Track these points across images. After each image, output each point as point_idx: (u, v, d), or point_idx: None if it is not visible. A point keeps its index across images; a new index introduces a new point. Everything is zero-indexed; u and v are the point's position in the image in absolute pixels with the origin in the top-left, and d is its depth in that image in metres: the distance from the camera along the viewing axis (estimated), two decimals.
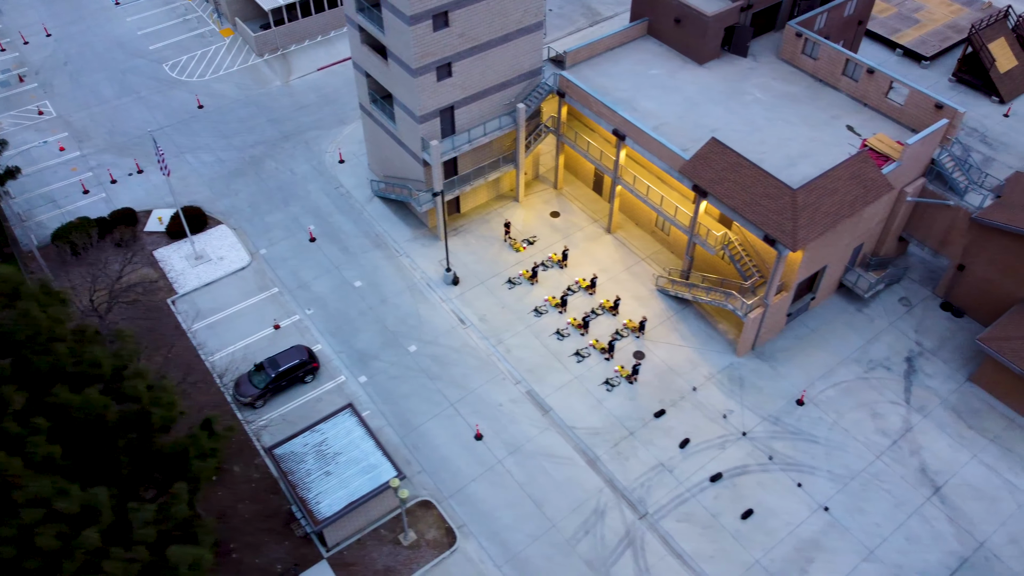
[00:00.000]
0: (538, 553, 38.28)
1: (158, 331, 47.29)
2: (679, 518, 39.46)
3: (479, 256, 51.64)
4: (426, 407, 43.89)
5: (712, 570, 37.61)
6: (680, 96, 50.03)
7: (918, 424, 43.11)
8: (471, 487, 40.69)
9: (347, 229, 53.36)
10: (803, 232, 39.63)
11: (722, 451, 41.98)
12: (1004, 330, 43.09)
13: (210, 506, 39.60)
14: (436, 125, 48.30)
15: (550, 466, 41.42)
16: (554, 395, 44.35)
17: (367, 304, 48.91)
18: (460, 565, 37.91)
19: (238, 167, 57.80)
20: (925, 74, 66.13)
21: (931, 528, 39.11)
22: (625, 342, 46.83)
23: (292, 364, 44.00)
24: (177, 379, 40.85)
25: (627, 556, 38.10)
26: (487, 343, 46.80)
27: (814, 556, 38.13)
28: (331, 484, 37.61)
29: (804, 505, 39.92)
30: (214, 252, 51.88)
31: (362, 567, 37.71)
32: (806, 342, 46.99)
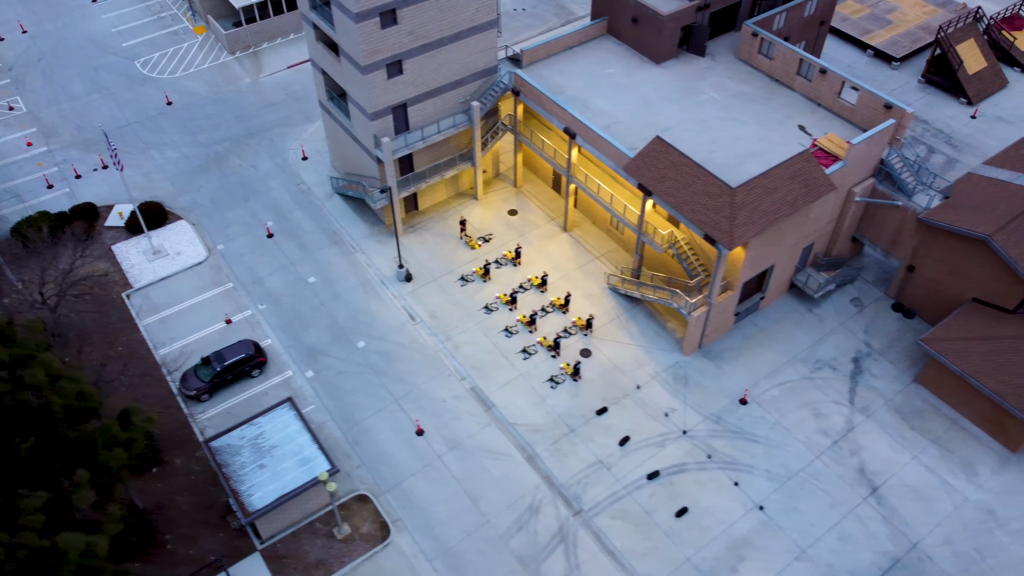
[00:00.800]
0: (471, 548, 38.46)
1: (110, 324, 47.78)
2: (613, 515, 39.54)
3: (434, 253, 51.88)
4: (370, 402, 44.16)
5: (642, 568, 37.69)
6: (634, 95, 50.12)
7: (860, 424, 43.03)
8: (409, 482, 40.93)
9: (305, 226, 53.72)
10: (740, 231, 39.66)
11: (661, 449, 42.04)
12: (947, 331, 42.96)
13: (148, 497, 40.01)
14: (389, 122, 48.57)
15: (489, 462, 41.60)
16: (498, 392, 44.52)
17: (319, 300, 49.24)
18: (392, 559, 38.14)
19: (202, 163, 58.27)
20: (895, 75, 65.93)
21: (865, 528, 39.04)
22: (573, 340, 46.96)
23: (238, 358, 44.36)
24: (117, 372, 41.39)
25: (559, 552, 38.24)
26: (436, 339, 47.03)
27: (746, 555, 38.14)
28: (265, 477, 37.93)
29: (739, 504, 39.93)
30: (172, 247, 52.35)
31: (294, 560, 38.00)
32: (754, 341, 46.98)
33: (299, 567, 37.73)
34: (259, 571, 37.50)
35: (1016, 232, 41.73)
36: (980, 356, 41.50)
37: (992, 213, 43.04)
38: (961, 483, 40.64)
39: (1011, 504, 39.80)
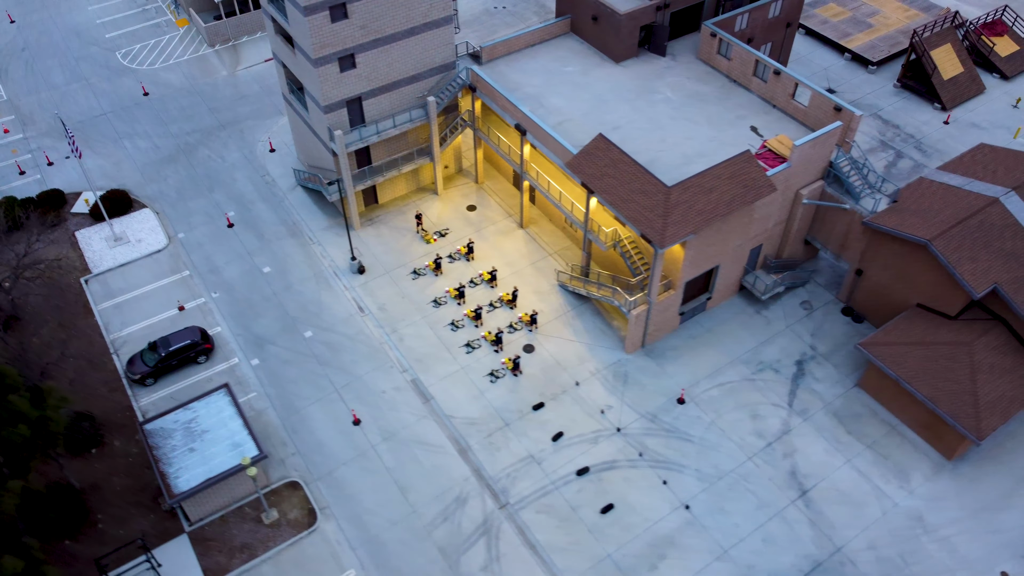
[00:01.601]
0: (394, 537, 38.86)
1: (66, 308, 48.76)
2: (539, 509, 39.74)
3: (389, 246, 52.35)
4: (311, 391, 44.71)
5: (561, 562, 37.85)
6: (589, 93, 50.25)
7: (797, 427, 42.85)
8: (341, 470, 41.41)
9: (266, 217, 54.45)
10: (672, 230, 39.68)
11: (594, 446, 42.16)
12: (887, 335, 42.65)
13: (85, 477, 40.84)
14: (344, 115, 49.11)
15: (421, 453, 41.98)
16: (438, 384, 44.88)
17: (272, 290, 49.90)
18: (316, 545, 38.63)
19: (171, 154, 59.22)
20: (871, 79, 65.43)
21: (791, 531, 38.91)
22: (518, 335, 47.20)
23: (183, 344, 45.10)
24: (57, 355, 42.31)
25: (480, 544, 38.51)
26: (382, 331, 47.50)
27: (667, 553, 38.17)
28: (193, 460, 38.58)
29: (666, 502, 39.95)
30: (134, 235, 53.29)
31: (220, 543, 38.61)
32: (699, 341, 46.93)
33: (224, 550, 38.34)
34: (185, 553, 38.16)
35: (958, 238, 41.36)
36: (916, 361, 41.17)
37: (936, 218, 42.67)
38: (893, 489, 40.35)
39: (940, 511, 39.46)
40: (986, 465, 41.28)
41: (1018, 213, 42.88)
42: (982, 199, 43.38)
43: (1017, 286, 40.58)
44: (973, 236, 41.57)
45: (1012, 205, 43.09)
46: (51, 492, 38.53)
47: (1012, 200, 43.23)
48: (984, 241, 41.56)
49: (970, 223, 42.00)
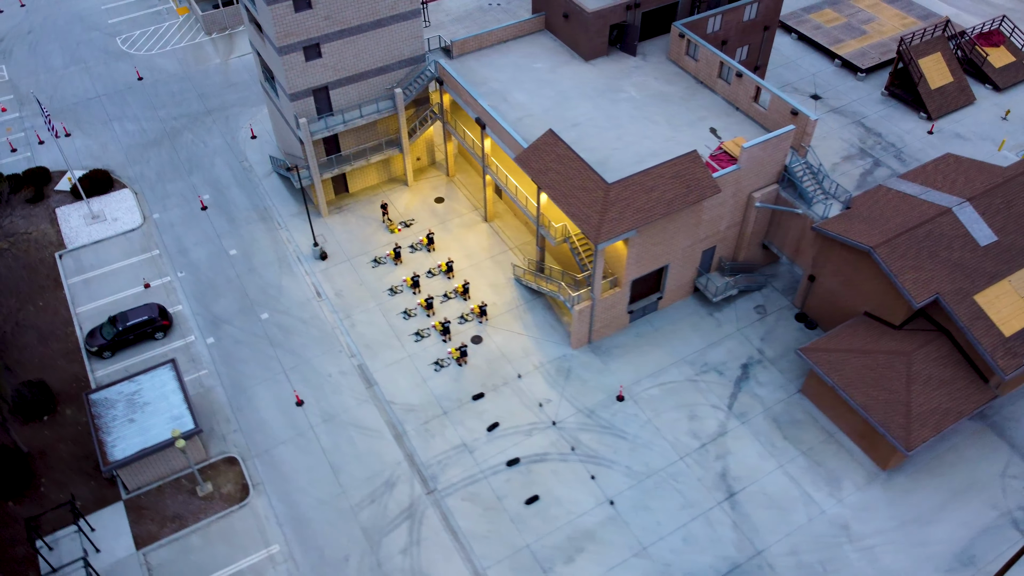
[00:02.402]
0: (321, 516, 39.70)
1: (37, 281, 50.57)
2: (465, 497, 40.27)
3: (354, 235, 53.29)
4: (259, 372, 45.80)
5: (480, 549, 38.34)
6: (553, 90, 50.59)
7: (733, 430, 42.73)
8: (278, 449, 42.40)
9: (239, 201, 55.78)
10: (608, 226, 39.89)
11: (527, 438, 42.54)
12: (828, 342, 42.31)
13: (34, 443, 42.40)
14: (310, 104, 50.14)
15: (357, 436, 42.78)
16: (383, 370, 45.66)
17: (235, 272, 51.15)
18: (244, 519, 39.66)
19: (157, 137, 60.95)
20: (858, 86, 64.67)
21: (713, 532, 38.87)
22: (469, 326, 47.76)
23: (140, 320, 46.51)
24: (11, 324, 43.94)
25: (403, 527, 39.17)
26: (336, 317, 48.44)
27: (585, 547, 38.42)
28: (131, 431, 39.87)
29: (592, 497, 40.18)
30: (111, 213, 55.01)
31: (153, 512, 39.84)
32: (646, 340, 47.00)
33: (156, 519, 39.55)
34: (119, 519, 39.46)
35: (903, 246, 40.88)
36: (854, 369, 40.81)
37: (884, 225, 42.23)
38: (822, 496, 40.05)
39: (867, 521, 39.08)
40: (921, 477, 40.76)
41: (970, 224, 42.23)
42: (934, 208, 42.81)
43: (960, 297, 40.00)
44: (919, 245, 41.06)
45: (965, 216, 42.46)
46: (3, 455, 40.20)
47: (965, 211, 42.59)
48: (931, 251, 41.03)
49: (918, 232, 41.48)
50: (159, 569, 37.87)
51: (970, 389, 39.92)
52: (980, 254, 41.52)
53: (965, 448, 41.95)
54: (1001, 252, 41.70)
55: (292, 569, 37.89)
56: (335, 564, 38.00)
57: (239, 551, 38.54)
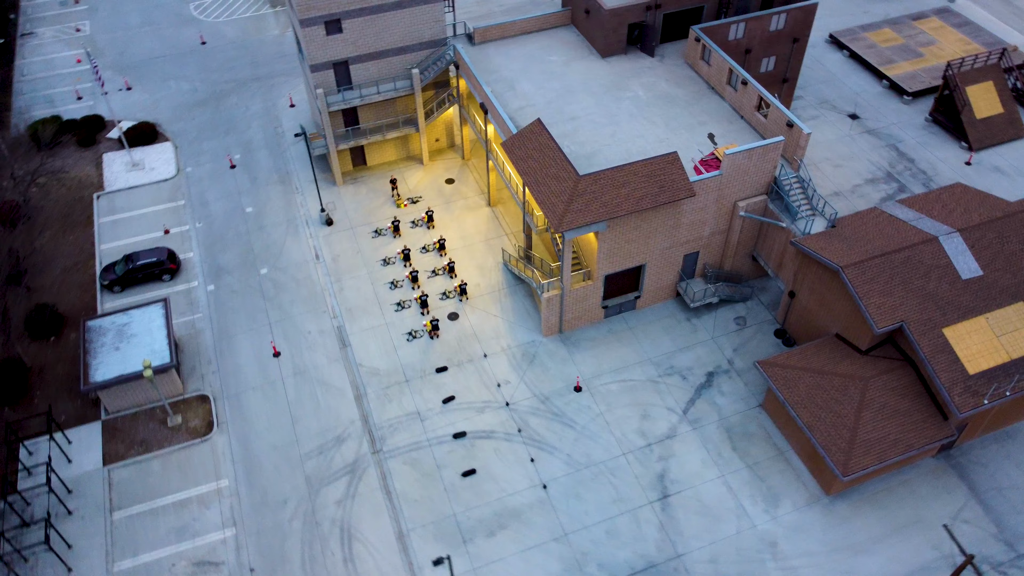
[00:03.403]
0: (270, 461, 42.12)
1: (72, 217, 55.21)
2: (406, 461, 41.87)
3: (362, 205, 55.65)
4: (247, 321, 48.71)
5: (408, 511, 39.87)
6: (561, 84, 51.38)
7: (683, 434, 42.64)
8: (247, 393, 45.11)
9: (264, 163, 59.09)
10: (571, 216, 40.54)
11: (479, 414, 43.73)
12: (789, 358, 41.61)
13: (37, 359, 46.64)
14: (330, 76, 52.71)
15: (321, 392, 45.02)
16: (359, 334, 47.76)
17: (246, 228, 54.37)
18: (202, 454, 42.51)
19: (205, 98, 65.15)
20: (902, 109, 62.45)
21: (637, 529, 39.08)
22: (449, 302, 49.28)
23: (150, 261, 50.23)
24: (29, 253, 48.32)
25: (343, 481, 41.12)
26: (327, 279, 50.88)
27: (509, 524, 39.35)
28: (114, 358, 43.33)
29: (527, 479, 41.02)
30: (150, 163, 59.34)
31: (124, 434, 43.23)
32: (617, 337, 47.31)
33: (125, 441, 42.92)
34: (93, 436, 43.03)
35: (875, 269, 39.80)
36: (806, 388, 40.07)
37: (863, 247, 41.18)
38: (757, 511, 39.58)
39: (797, 542, 38.40)
40: (865, 507, 39.66)
41: (955, 255, 40.66)
42: (921, 235, 41.41)
43: (926, 328, 38.67)
44: (893, 271, 39.86)
45: (951, 246, 40.90)
46: (4, 365, 44.51)
47: (952, 241, 41.02)
48: (905, 278, 39.78)
49: (894, 257, 40.27)
50: (118, 485, 41.17)
51: (926, 424, 38.56)
52: (960, 287, 39.95)
53: (919, 484, 40.51)
54: (983, 288, 39.98)
55: (235, 504, 40.47)
56: (274, 506, 40.35)
57: (191, 481, 41.42)
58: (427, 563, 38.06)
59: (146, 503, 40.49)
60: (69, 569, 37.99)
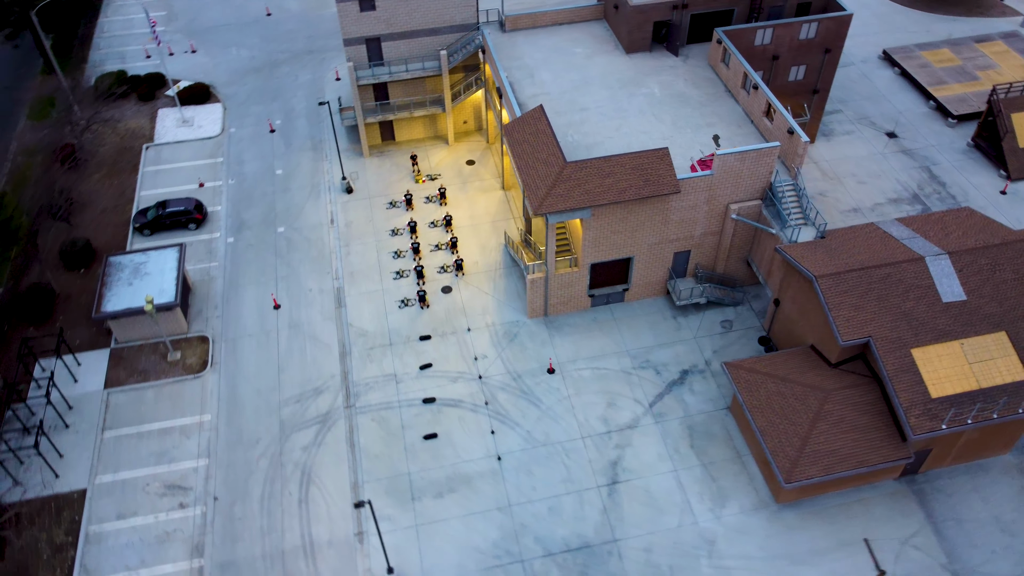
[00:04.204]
0: (252, 403, 44.89)
1: (120, 164, 59.72)
2: (375, 418, 43.89)
3: (384, 178, 58.03)
4: (256, 274, 51.77)
5: (367, 464, 41.87)
6: (579, 75, 52.30)
7: (645, 426, 43.11)
8: (244, 339, 48.08)
9: (301, 131, 62.28)
10: (551, 200, 41.57)
11: (452, 383, 45.34)
12: (757, 363, 41.48)
13: (65, 288, 50.93)
14: (363, 51, 55.23)
15: (310, 346, 47.55)
16: (356, 297, 50.09)
17: (273, 188, 57.57)
18: (191, 389, 45.67)
19: (259, 65, 68.98)
20: (944, 131, 60.50)
21: (580, 510, 39.89)
22: (446, 276, 51.04)
23: (179, 209, 53.99)
24: (67, 196, 52.71)
25: (312, 429, 43.49)
26: (336, 243, 53.46)
27: (458, 489, 40.83)
28: (126, 292, 47.00)
29: (484, 449, 42.39)
30: (199, 121, 63.42)
31: (126, 363, 46.84)
32: (600, 325, 48.03)
33: (127, 368, 46.52)
34: (100, 362, 46.83)
35: (850, 282, 39.29)
36: (768, 393, 39.93)
37: (845, 259, 40.67)
38: (703, 509, 39.77)
39: (736, 544, 38.43)
40: (813, 520, 39.29)
41: (939, 277, 39.68)
42: (908, 254, 40.58)
43: (895, 346, 37.96)
44: (870, 286, 39.26)
45: (936, 268, 39.93)
46: (33, 289, 48.92)
47: (939, 263, 40.04)
48: (881, 294, 39.12)
49: (874, 272, 39.63)
50: (113, 408, 44.76)
51: (882, 443, 37.91)
52: (938, 309, 39.00)
53: (875, 505, 39.80)
54: (964, 313, 38.90)
55: (212, 438, 43.43)
56: (246, 443, 43.08)
57: (178, 412, 44.63)
58: (378, 510, 39.90)
59: (135, 427, 43.91)
60: (56, 475, 41.72)
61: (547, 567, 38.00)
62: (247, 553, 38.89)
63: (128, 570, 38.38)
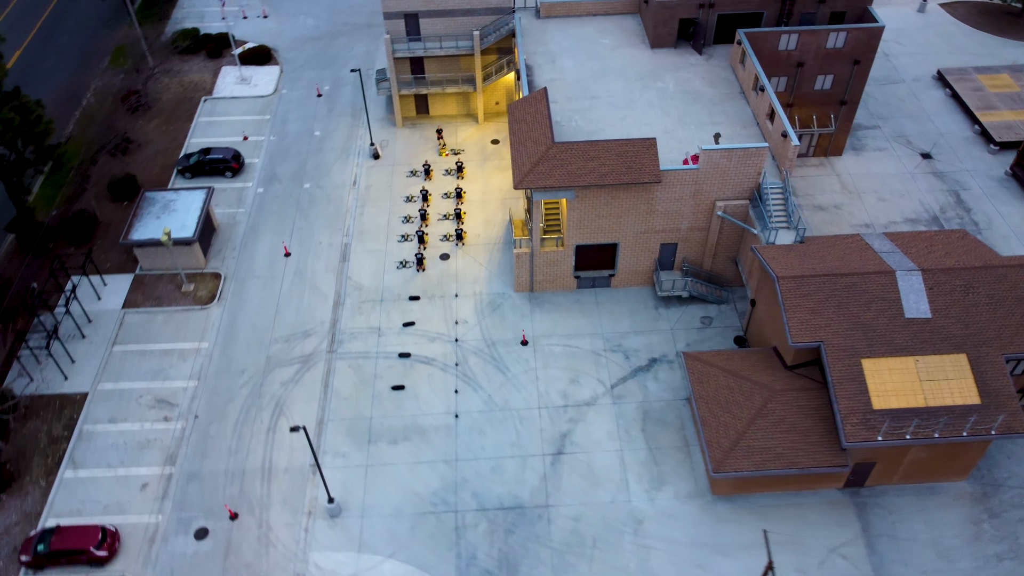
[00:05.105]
0: (246, 336, 48.59)
1: (178, 113, 64.88)
2: (351, 365, 46.78)
3: (411, 148, 60.93)
4: (275, 223, 55.60)
5: (334, 404, 44.80)
6: (599, 65, 53.59)
7: (602, 405, 44.32)
8: (252, 280, 51.91)
9: (345, 98, 65.93)
10: (532, 176, 43.25)
11: (429, 343, 47.75)
12: (715, 357, 42.02)
13: (106, 218, 56.10)
14: (401, 26, 58.18)
15: (309, 293, 50.91)
16: (359, 253, 53.16)
17: (308, 148, 61.38)
18: (196, 318, 49.75)
19: (320, 35, 73.17)
20: (984, 159, 58.54)
21: (520, 474, 41.58)
22: (447, 244, 53.46)
23: (218, 157, 58.46)
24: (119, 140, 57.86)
25: (294, 367, 46.76)
26: (354, 203, 56.70)
27: (412, 438, 43.22)
28: (151, 224, 51.56)
29: (444, 406, 44.60)
30: (255, 81, 68.02)
31: (145, 288, 51.43)
32: (581, 306, 49.37)
33: (145, 293, 51.12)
34: (124, 285, 51.60)
35: (811, 287, 39.38)
36: (717, 386, 40.49)
37: (812, 265, 40.72)
38: (639, 489, 40.77)
39: (663, 527, 39.29)
40: (746, 516, 39.67)
41: (906, 292, 39.24)
42: (880, 266, 40.28)
43: (845, 354, 37.89)
44: (832, 292, 39.24)
45: (906, 283, 39.49)
46: (78, 214, 54.28)
47: (911, 279, 39.57)
48: (841, 302, 39.07)
49: (839, 280, 39.58)
50: (126, 327, 49.35)
51: (820, 448, 37.95)
52: (899, 324, 38.62)
53: (812, 510, 39.80)
54: (925, 331, 38.38)
55: (205, 363, 47.36)
56: (233, 372, 46.78)
57: (181, 337, 48.79)
58: (335, 447, 42.85)
59: (141, 345, 48.33)
60: (66, 377, 46.54)
61: (477, 520, 39.97)
62: (213, 468, 42.51)
63: (109, 467, 42.65)
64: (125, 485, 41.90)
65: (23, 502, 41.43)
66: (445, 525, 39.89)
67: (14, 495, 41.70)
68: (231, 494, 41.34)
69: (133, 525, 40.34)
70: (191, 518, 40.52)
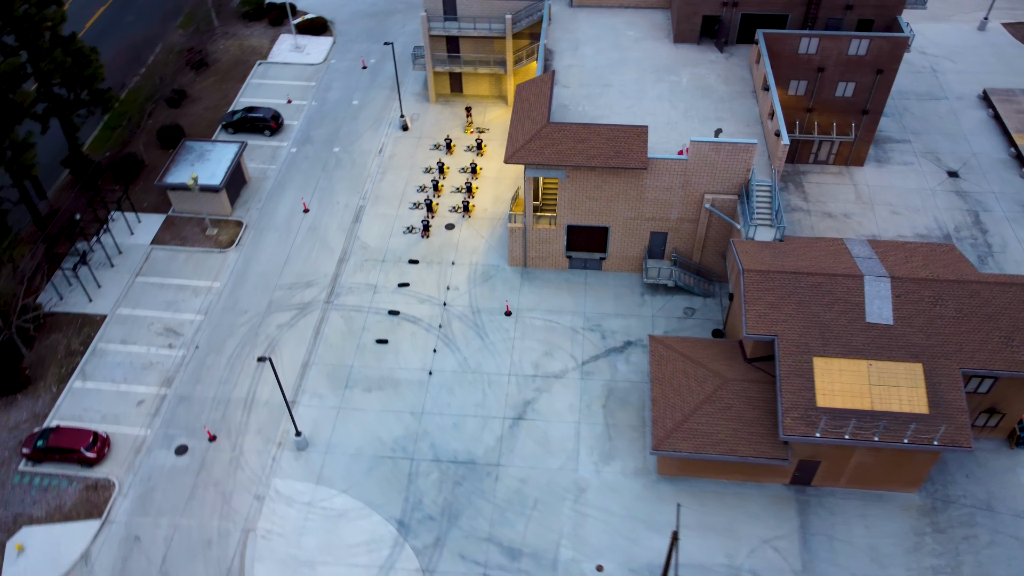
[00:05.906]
0: (256, 281, 52.18)
1: (234, 74, 69.42)
2: (343, 316, 49.74)
3: (438, 123, 63.55)
4: (301, 180, 59.17)
5: (321, 350, 47.83)
6: (619, 55, 54.84)
7: (569, 380, 45.84)
8: (269, 231, 55.55)
9: (388, 71, 69.07)
10: (522, 152, 45.04)
11: (419, 304, 50.25)
12: (679, 343, 42.93)
13: (150, 162, 60.85)
14: (439, 4, 60.77)
15: (318, 248, 54.17)
16: (371, 215, 56.14)
17: (344, 115, 64.79)
18: (215, 260, 53.69)
19: (378, 11, 76.65)
20: (1015, 181, 57.19)
21: (480, 433, 43.60)
22: (454, 215, 55.84)
23: (259, 116, 62.50)
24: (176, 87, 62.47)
25: (291, 312, 50.07)
26: (376, 170, 59.72)
27: (384, 388, 45.84)
28: (185, 170, 55.80)
29: (421, 362, 47.03)
30: (309, 49, 71.98)
31: (174, 228, 55.76)
32: (569, 285, 50.91)
33: (172, 233, 55.43)
34: (156, 223, 56.11)
35: (774, 283, 39.92)
36: (674, 370, 41.46)
37: (782, 262, 41.18)
38: (587, 461, 42.19)
39: (604, 497, 40.63)
40: (687, 498, 40.58)
41: (871, 297, 39.34)
42: (851, 269, 40.46)
43: (797, 350, 38.34)
44: (794, 290, 39.70)
45: (872, 289, 39.56)
46: (127, 156, 59.18)
47: (878, 285, 39.62)
48: (803, 300, 39.48)
49: (805, 279, 39.99)
50: (151, 261, 53.74)
51: (761, 439, 38.53)
52: (858, 327, 38.78)
53: (753, 502, 40.39)
54: (885, 337, 38.41)
55: (214, 300, 51.20)
56: (237, 311, 50.45)
57: (197, 275, 52.82)
58: (313, 388, 45.85)
59: (160, 278, 52.60)
60: (90, 299, 51.19)
61: (430, 469, 42.26)
62: (202, 394, 46.20)
63: (113, 382, 46.91)
64: (124, 400, 46.03)
65: (35, 403, 46.08)
66: (400, 470, 42.36)
67: (28, 396, 46.41)
68: (214, 418, 44.91)
69: (124, 435, 44.37)
70: (175, 435, 44.28)
